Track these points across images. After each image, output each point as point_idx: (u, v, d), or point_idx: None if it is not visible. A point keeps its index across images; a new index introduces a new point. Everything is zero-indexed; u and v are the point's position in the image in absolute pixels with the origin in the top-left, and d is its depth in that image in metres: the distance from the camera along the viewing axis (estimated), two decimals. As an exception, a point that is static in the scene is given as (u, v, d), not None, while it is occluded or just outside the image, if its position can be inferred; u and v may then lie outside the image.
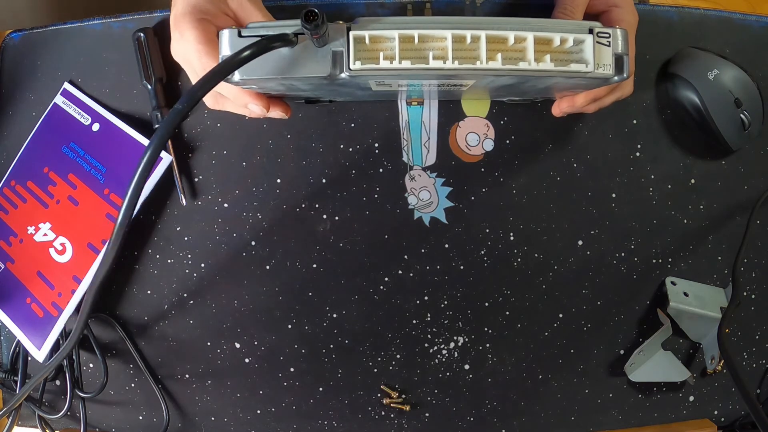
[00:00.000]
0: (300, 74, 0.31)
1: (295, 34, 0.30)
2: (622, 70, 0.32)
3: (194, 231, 0.51)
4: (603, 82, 0.33)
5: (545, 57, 0.30)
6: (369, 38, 0.30)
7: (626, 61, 0.32)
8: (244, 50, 0.29)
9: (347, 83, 0.34)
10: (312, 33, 0.29)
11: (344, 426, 0.53)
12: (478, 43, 0.30)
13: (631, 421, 0.54)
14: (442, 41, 0.30)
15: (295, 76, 0.31)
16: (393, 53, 0.30)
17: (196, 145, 0.51)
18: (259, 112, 0.39)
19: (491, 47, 0.30)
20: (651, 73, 0.50)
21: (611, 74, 0.31)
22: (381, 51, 0.30)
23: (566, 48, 0.31)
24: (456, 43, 0.30)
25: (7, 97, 0.52)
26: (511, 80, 0.33)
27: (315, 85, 0.35)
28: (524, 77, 0.32)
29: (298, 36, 0.30)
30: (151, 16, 0.50)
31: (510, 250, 0.51)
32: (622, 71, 0.32)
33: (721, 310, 0.49)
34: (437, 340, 0.52)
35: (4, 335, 0.54)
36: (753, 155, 0.52)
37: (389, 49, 0.30)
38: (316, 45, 0.30)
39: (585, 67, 0.31)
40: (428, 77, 0.33)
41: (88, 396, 0.51)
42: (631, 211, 0.51)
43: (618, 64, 0.31)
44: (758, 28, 0.51)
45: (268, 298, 0.52)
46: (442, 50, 0.30)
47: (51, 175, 0.51)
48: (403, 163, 0.51)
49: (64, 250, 0.50)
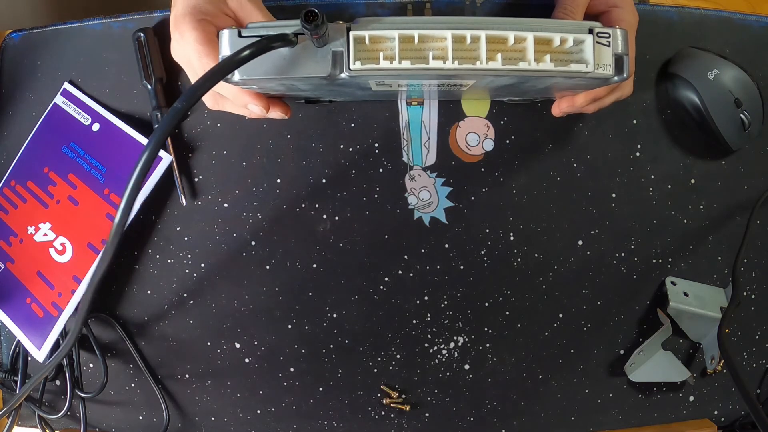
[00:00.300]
0: (300, 74, 0.31)
1: (295, 34, 0.30)
2: (622, 70, 0.32)
3: (194, 231, 0.51)
4: (603, 82, 0.33)
5: (545, 57, 0.30)
6: (369, 38, 0.30)
7: (626, 61, 0.32)
8: (244, 50, 0.29)
9: (347, 83, 0.34)
10: (312, 33, 0.29)
11: (344, 426, 0.53)
12: (478, 43, 0.30)
13: (631, 421, 0.54)
14: (442, 41, 0.30)
15: (295, 76, 0.31)
16: (393, 53, 0.30)
17: (196, 145, 0.51)
18: (259, 113, 0.39)
19: (491, 47, 0.30)
20: (651, 73, 0.50)
21: (611, 74, 0.31)
22: (381, 51, 0.30)
23: (566, 48, 0.31)
24: (456, 44, 0.30)
25: (7, 97, 0.52)
26: (511, 80, 0.33)
27: (315, 85, 0.35)
28: (524, 77, 0.32)
29: (298, 36, 0.30)
30: (151, 16, 0.50)
31: (510, 250, 0.51)
32: (622, 71, 0.32)
33: (721, 310, 0.49)
34: (437, 340, 0.52)
35: (4, 335, 0.54)
36: (753, 155, 0.52)
37: (389, 50, 0.30)
38: (316, 45, 0.30)
39: (585, 67, 0.31)
40: (428, 77, 0.33)
41: (88, 396, 0.51)
42: (631, 211, 0.51)
43: (618, 64, 0.31)
44: (758, 28, 0.51)
45: (268, 298, 0.52)
46: (442, 50, 0.30)
47: (51, 175, 0.51)
48: (403, 163, 0.51)
49: (64, 250, 0.50)
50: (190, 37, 0.36)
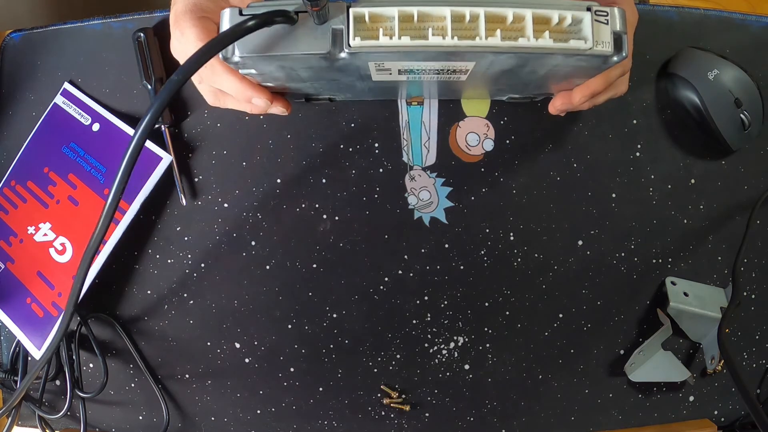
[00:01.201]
0: (300, 51, 0.31)
1: (296, 12, 0.31)
2: (621, 48, 0.32)
3: (194, 231, 0.51)
4: (603, 61, 0.33)
5: (544, 33, 0.31)
6: (369, 16, 0.31)
7: (625, 39, 0.32)
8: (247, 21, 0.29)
9: (347, 67, 0.34)
10: (312, 5, 0.29)
11: (344, 426, 0.53)
12: (477, 22, 0.31)
13: (631, 421, 0.54)
14: (441, 20, 0.31)
15: (295, 53, 0.31)
16: (392, 31, 0.30)
17: (196, 145, 0.51)
18: (263, 106, 0.39)
19: (490, 26, 0.31)
20: (651, 73, 0.50)
21: (610, 52, 0.32)
22: (380, 28, 0.31)
23: (565, 27, 0.31)
24: (455, 23, 0.30)
25: (7, 97, 0.52)
26: (511, 62, 0.33)
27: (315, 70, 0.35)
28: (524, 58, 0.32)
29: (299, 14, 0.31)
30: (151, 16, 0.50)
31: (510, 250, 0.51)
32: (621, 49, 0.32)
33: (721, 310, 0.49)
34: (437, 340, 0.52)
35: (4, 335, 0.54)
36: (753, 155, 0.52)
37: (389, 28, 0.31)
38: (316, 22, 0.31)
39: (584, 43, 0.31)
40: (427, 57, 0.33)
41: (88, 396, 0.51)
42: (631, 211, 0.51)
43: (617, 42, 0.32)
44: (758, 28, 0.51)
45: (268, 298, 0.52)
46: (441, 29, 0.31)
47: (51, 175, 0.51)
48: (403, 163, 0.51)
49: (64, 250, 0.50)
50: (190, 33, 0.36)
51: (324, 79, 0.39)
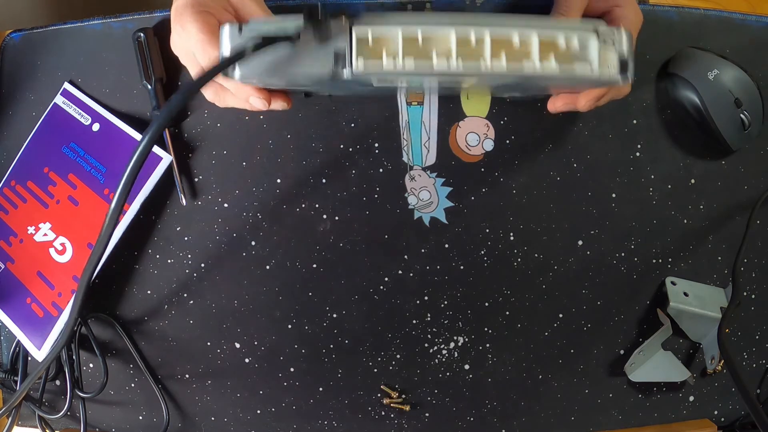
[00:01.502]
0: (301, 71, 0.31)
1: (297, 32, 0.30)
2: (627, 71, 0.31)
3: (194, 231, 0.51)
4: (607, 84, 0.33)
5: (549, 56, 0.30)
6: (372, 39, 0.30)
7: (631, 62, 0.31)
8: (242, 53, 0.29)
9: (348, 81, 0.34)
10: (314, 29, 0.29)
11: (344, 426, 0.53)
12: (482, 45, 0.30)
13: (631, 421, 0.54)
14: (446, 42, 0.30)
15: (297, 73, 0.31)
16: (396, 51, 0.30)
17: (196, 145, 0.50)
18: (261, 106, 0.39)
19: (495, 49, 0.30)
20: (651, 73, 0.50)
21: (616, 76, 0.31)
22: (384, 50, 0.30)
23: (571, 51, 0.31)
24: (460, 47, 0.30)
25: (7, 97, 0.52)
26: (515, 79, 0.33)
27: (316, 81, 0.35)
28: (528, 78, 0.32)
29: (300, 33, 0.30)
30: (151, 16, 0.50)
31: (510, 250, 0.51)
32: (626, 72, 0.31)
33: (721, 310, 0.49)
34: (437, 340, 0.52)
35: (4, 335, 0.54)
36: (753, 155, 0.51)
37: (392, 48, 0.30)
38: (318, 42, 0.30)
39: (589, 68, 0.31)
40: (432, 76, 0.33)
41: (88, 396, 0.51)
42: (631, 211, 0.51)
43: (622, 65, 0.31)
44: (758, 28, 0.51)
45: (268, 298, 0.52)
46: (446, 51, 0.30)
47: (51, 175, 0.51)
48: (403, 163, 0.51)
49: (64, 250, 0.50)
50: (192, 27, 0.35)
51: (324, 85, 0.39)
